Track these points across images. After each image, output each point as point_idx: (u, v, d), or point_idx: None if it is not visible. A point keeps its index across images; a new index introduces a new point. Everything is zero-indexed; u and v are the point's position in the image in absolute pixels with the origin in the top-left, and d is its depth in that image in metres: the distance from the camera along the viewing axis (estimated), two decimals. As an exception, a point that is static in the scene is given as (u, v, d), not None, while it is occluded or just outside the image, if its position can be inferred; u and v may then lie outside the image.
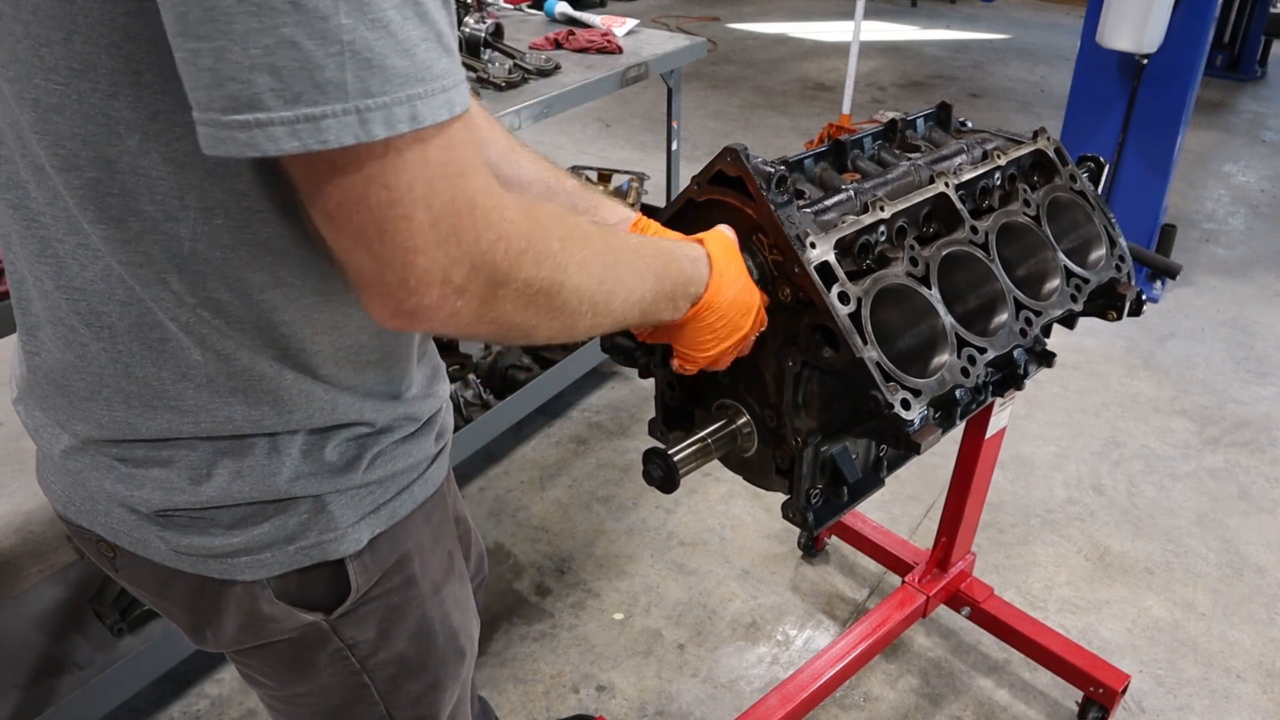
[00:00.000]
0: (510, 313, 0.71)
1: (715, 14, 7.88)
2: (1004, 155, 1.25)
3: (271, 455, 0.82)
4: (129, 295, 0.74)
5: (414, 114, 0.61)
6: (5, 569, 2.33)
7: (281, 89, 0.57)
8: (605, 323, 0.82)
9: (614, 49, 2.66)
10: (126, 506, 0.84)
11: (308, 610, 0.89)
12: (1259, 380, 3.17)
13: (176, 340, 0.76)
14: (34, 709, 1.74)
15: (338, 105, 0.58)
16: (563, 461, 2.77)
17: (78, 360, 0.78)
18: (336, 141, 0.59)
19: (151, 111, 0.66)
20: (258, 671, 0.97)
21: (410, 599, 0.95)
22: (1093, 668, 1.92)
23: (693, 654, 2.16)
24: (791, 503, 1.08)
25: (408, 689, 1.00)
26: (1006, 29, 7.60)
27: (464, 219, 0.65)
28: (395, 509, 0.91)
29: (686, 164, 4.02)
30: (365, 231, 0.63)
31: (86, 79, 0.65)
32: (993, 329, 1.12)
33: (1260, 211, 4.42)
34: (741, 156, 0.98)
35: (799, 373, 1.01)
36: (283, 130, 0.58)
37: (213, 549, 0.83)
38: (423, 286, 0.65)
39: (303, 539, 0.85)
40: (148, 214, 0.70)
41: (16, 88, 0.67)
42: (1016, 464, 2.76)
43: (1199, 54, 3.19)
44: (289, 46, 0.56)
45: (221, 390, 0.78)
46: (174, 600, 0.90)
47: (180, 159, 0.68)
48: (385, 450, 0.88)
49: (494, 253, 0.67)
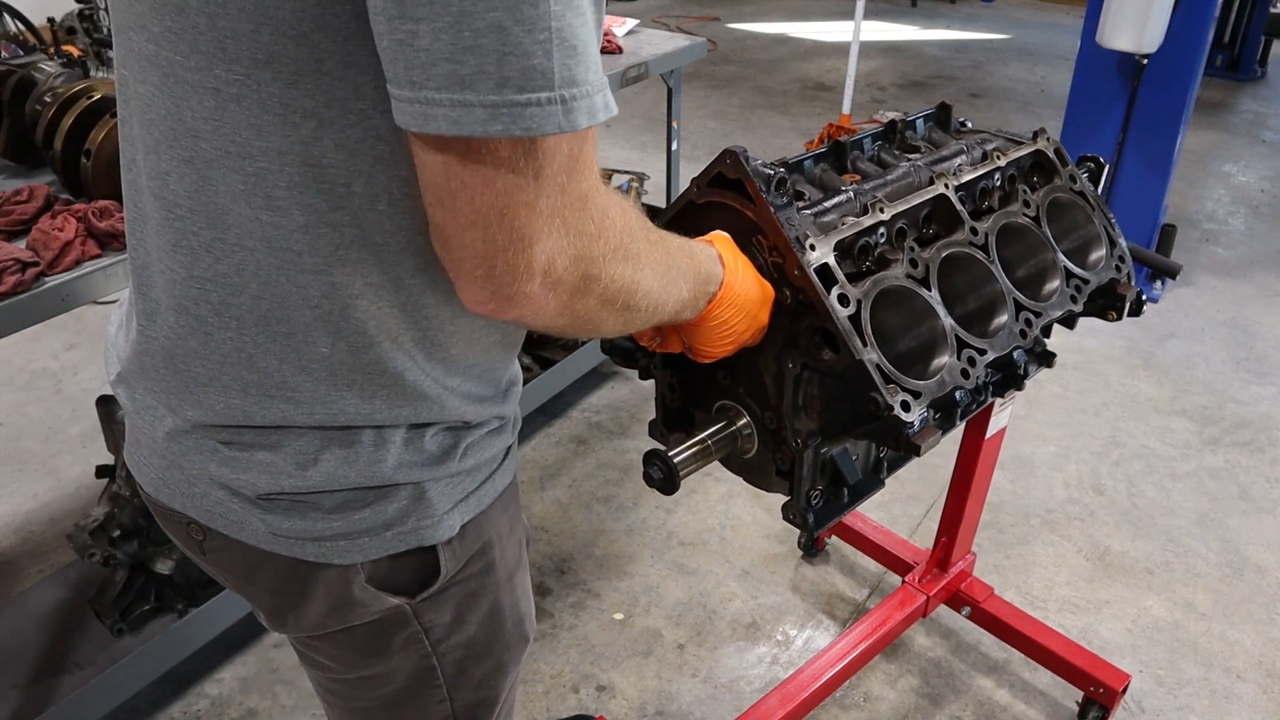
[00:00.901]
0: (592, 307, 0.73)
1: (715, 14, 7.88)
2: (1004, 156, 1.25)
3: (377, 444, 0.83)
4: (262, 290, 0.75)
5: (607, 103, 0.62)
6: (5, 569, 2.33)
7: (489, 73, 0.58)
8: (654, 320, 0.84)
9: (614, 49, 2.66)
10: (229, 489, 0.85)
11: (394, 594, 0.90)
12: (1259, 380, 3.17)
13: (304, 333, 0.77)
14: (34, 709, 1.74)
15: (543, 94, 0.59)
16: (563, 461, 2.77)
17: (200, 347, 0.79)
18: (539, 130, 0.60)
19: (328, 99, 0.67)
20: (326, 655, 0.98)
21: (487, 585, 0.97)
22: (1093, 667, 1.92)
23: (693, 654, 2.16)
24: (792, 504, 1.08)
25: (472, 672, 1.01)
26: (1006, 29, 7.60)
27: (578, 212, 0.66)
28: (481, 497, 0.93)
29: (686, 164, 4.02)
30: (486, 213, 0.64)
31: (269, 69, 0.66)
32: (993, 330, 1.12)
33: (1260, 211, 4.42)
34: (741, 159, 0.98)
35: (799, 375, 1.01)
36: (485, 113, 0.59)
37: (313, 532, 0.84)
38: (529, 274, 0.66)
39: (401, 525, 0.86)
40: (313, 205, 0.71)
41: (196, 77, 0.68)
42: (1016, 464, 2.76)
43: (1199, 54, 3.19)
44: (499, 31, 0.57)
45: (339, 383, 0.79)
46: (261, 584, 0.91)
47: (351, 145, 0.69)
48: (476, 441, 0.90)
49: (594, 248, 0.69)
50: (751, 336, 0.99)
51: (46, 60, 1.94)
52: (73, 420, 2.91)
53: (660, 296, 0.81)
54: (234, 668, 2.10)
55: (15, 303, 1.49)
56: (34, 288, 1.52)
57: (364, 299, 0.76)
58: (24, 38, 3.19)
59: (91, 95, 1.73)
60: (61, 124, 1.71)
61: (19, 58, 2.00)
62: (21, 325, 1.51)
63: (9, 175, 1.88)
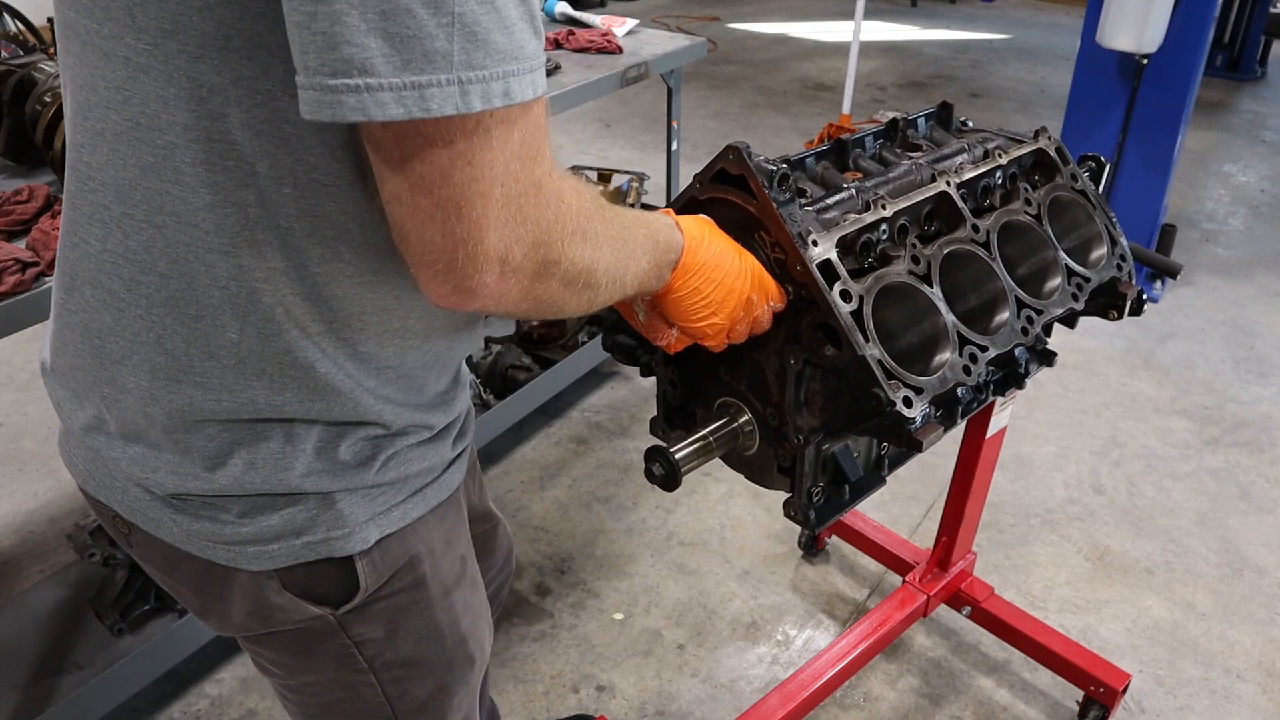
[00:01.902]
0: (554, 290, 0.74)
1: (715, 14, 7.88)
2: (1005, 154, 1.25)
3: (286, 446, 0.82)
4: (170, 268, 0.75)
5: (507, 90, 0.62)
6: (5, 569, 2.33)
7: (392, 55, 0.58)
8: (615, 295, 0.84)
9: (614, 49, 2.66)
10: (142, 487, 0.85)
11: (315, 603, 0.89)
12: (1259, 380, 3.17)
13: (213, 316, 0.76)
14: (34, 709, 1.74)
15: (443, 75, 0.60)
16: (563, 461, 2.77)
17: (114, 323, 0.79)
18: (439, 111, 0.60)
19: (235, 76, 0.67)
20: (267, 660, 0.98)
21: (419, 601, 0.95)
22: (1093, 667, 1.92)
23: (693, 654, 2.16)
24: (793, 501, 1.08)
25: (414, 692, 0.99)
26: (1006, 29, 7.61)
27: (531, 199, 0.67)
28: (407, 510, 0.91)
29: (686, 164, 4.02)
30: (444, 207, 0.64)
31: (175, 40, 0.66)
32: (994, 327, 1.12)
33: (1260, 211, 4.42)
34: (744, 154, 0.98)
35: (801, 371, 1.01)
36: (390, 96, 0.59)
37: (222, 536, 0.84)
38: (487, 264, 0.67)
39: (310, 534, 0.85)
40: (220, 182, 0.71)
41: (109, 45, 0.69)
42: (1016, 464, 2.76)
43: (1199, 54, 3.19)
44: (405, 14, 0.58)
45: (248, 372, 0.79)
46: (183, 581, 0.91)
47: (257, 125, 0.69)
48: (400, 452, 0.89)
49: (551, 234, 0.70)
50: (740, 310, 0.96)
51: (46, 60, 1.94)
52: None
53: (619, 271, 0.81)
54: (234, 668, 2.10)
55: (15, 303, 1.49)
56: (34, 288, 1.52)
57: (270, 283, 0.75)
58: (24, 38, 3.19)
59: (92, 94, 1.72)
60: (61, 124, 1.71)
61: (19, 58, 2.00)
62: (21, 325, 1.51)
63: (9, 175, 1.88)
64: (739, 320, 0.97)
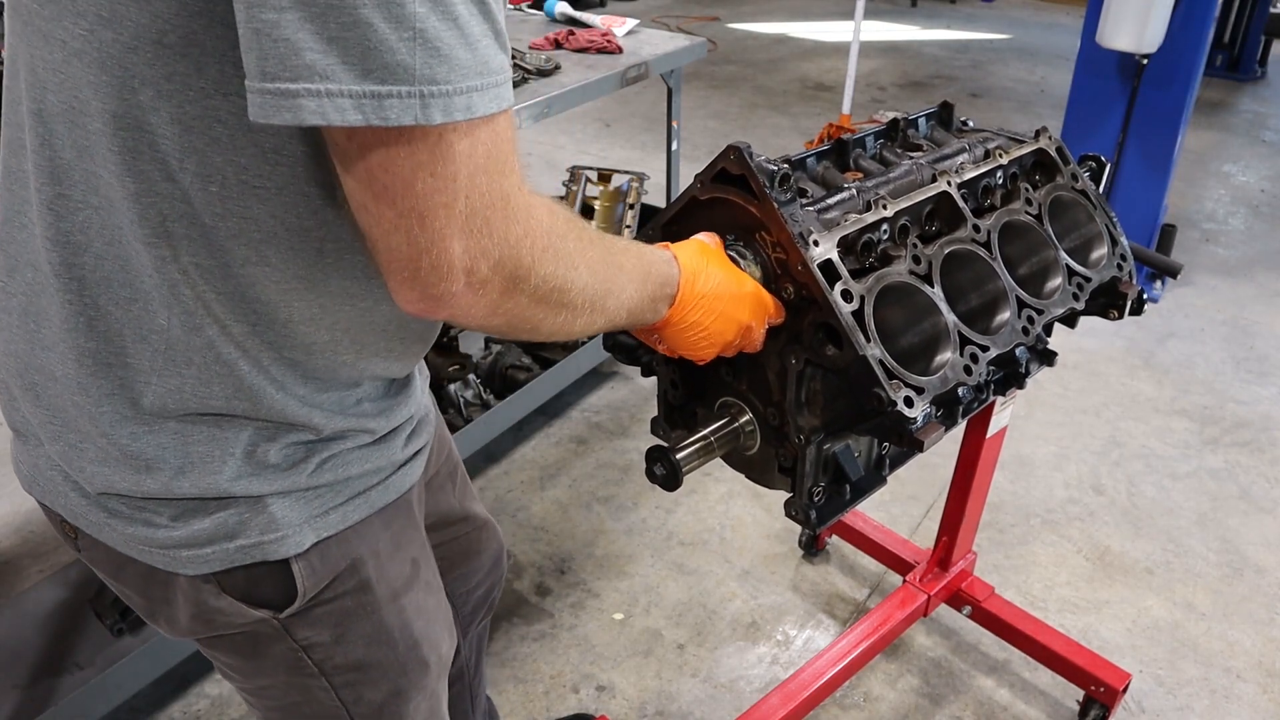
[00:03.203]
0: (524, 306, 0.74)
1: (715, 14, 7.88)
2: (1006, 154, 1.25)
3: (214, 449, 0.82)
4: (105, 249, 0.75)
5: (469, 105, 0.63)
6: (5, 569, 2.33)
7: (354, 64, 0.59)
8: (599, 321, 0.83)
9: (614, 49, 2.66)
10: (75, 487, 0.85)
11: (255, 607, 0.89)
12: (1259, 380, 3.17)
13: (144, 301, 0.76)
14: (34, 709, 1.74)
15: (403, 87, 0.61)
16: (563, 461, 2.77)
17: (48, 306, 0.79)
18: (396, 120, 0.61)
19: (168, 72, 0.68)
20: (222, 663, 0.98)
21: (365, 604, 0.95)
22: (1094, 666, 1.92)
23: (693, 654, 2.16)
24: (794, 500, 1.08)
25: (369, 697, 0.99)
26: (1006, 29, 7.61)
27: (497, 212, 0.67)
28: (346, 513, 0.91)
29: (686, 164, 4.01)
30: (408, 215, 0.65)
31: (111, 28, 0.67)
32: (995, 327, 1.12)
33: (1260, 211, 4.42)
34: (745, 155, 0.98)
35: (802, 371, 1.01)
36: (349, 103, 0.60)
37: (156, 540, 0.84)
38: (452, 274, 0.68)
39: (243, 537, 0.85)
40: (146, 172, 0.71)
41: (48, 26, 0.69)
42: (1016, 464, 2.76)
43: (1199, 54, 3.19)
44: (365, 26, 0.59)
45: (177, 359, 0.78)
46: (128, 584, 0.92)
47: (187, 122, 0.69)
48: (336, 455, 0.88)
49: (519, 248, 0.70)
50: (737, 337, 0.97)
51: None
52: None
53: (598, 294, 0.81)
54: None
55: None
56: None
57: (188, 280, 0.76)
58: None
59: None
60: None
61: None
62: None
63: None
64: (732, 345, 0.99)
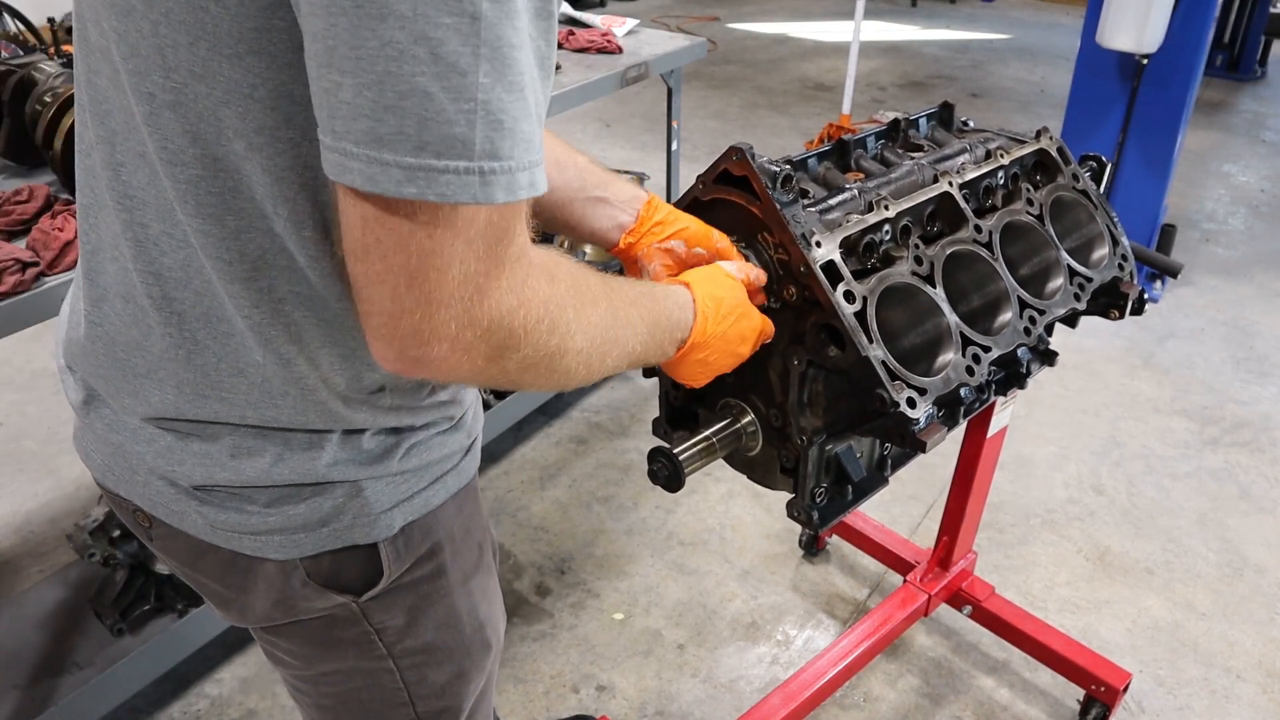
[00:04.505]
0: (511, 372, 0.71)
1: (715, 14, 7.88)
2: (1007, 154, 1.25)
3: (311, 444, 0.83)
4: (205, 286, 0.76)
5: (532, 182, 0.61)
6: (5, 569, 2.33)
7: (408, 135, 0.57)
8: (595, 377, 0.82)
9: (614, 49, 2.66)
10: (166, 479, 0.85)
11: (338, 592, 0.90)
12: (1259, 380, 3.17)
13: (241, 337, 0.77)
14: (34, 709, 1.74)
15: (461, 162, 0.58)
16: (563, 461, 2.77)
17: (141, 339, 0.80)
18: (453, 197, 0.59)
19: (258, 125, 0.67)
20: (284, 650, 0.98)
21: (439, 588, 0.96)
22: (1094, 666, 1.92)
23: (693, 654, 2.16)
24: (796, 501, 1.08)
25: (433, 678, 1.00)
26: (1006, 29, 7.61)
27: (492, 281, 0.64)
28: (429, 498, 0.92)
29: (686, 164, 4.02)
30: (396, 273, 0.62)
31: (204, 83, 0.66)
32: (997, 328, 1.12)
33: (1260, 211, 4.42)
34: (747, 155, 0.98)
35: (804, 372, 1.01)
36: (401, 174, 0.58)
37: (248, 526, 0.85)
38: (434, 339, 0.65)
39: (337, 522, 0.86)
40: (245, 213, 0.71)
41: (135, 80, 0.69)
42: (1016, 464, 2.76)
43: (1199, 54, 3.19)
44: (422, 95, 0.57)
45: (273, 391, 0.79)
46: (206, 573, 0.91)
47: (278, 172, 0.69)
48: (421, 441, 0.90)
49: (511, 320, 0.67)
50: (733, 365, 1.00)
51: (46, 60, 1.93)
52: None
53: (598, 356, 0.79)
54: (234, 668, 2.10)
55: (15, 303, 1.49)
56: (34, 288, 1.52)
57: (284, 317, 0.76)
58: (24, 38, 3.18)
59: (92, 94, 1.72)
60: (61, 124, 1.71)
61: (19, 58, 2.00)
62: (21, 325, 1.51)
63: (9, 175, 1.87)
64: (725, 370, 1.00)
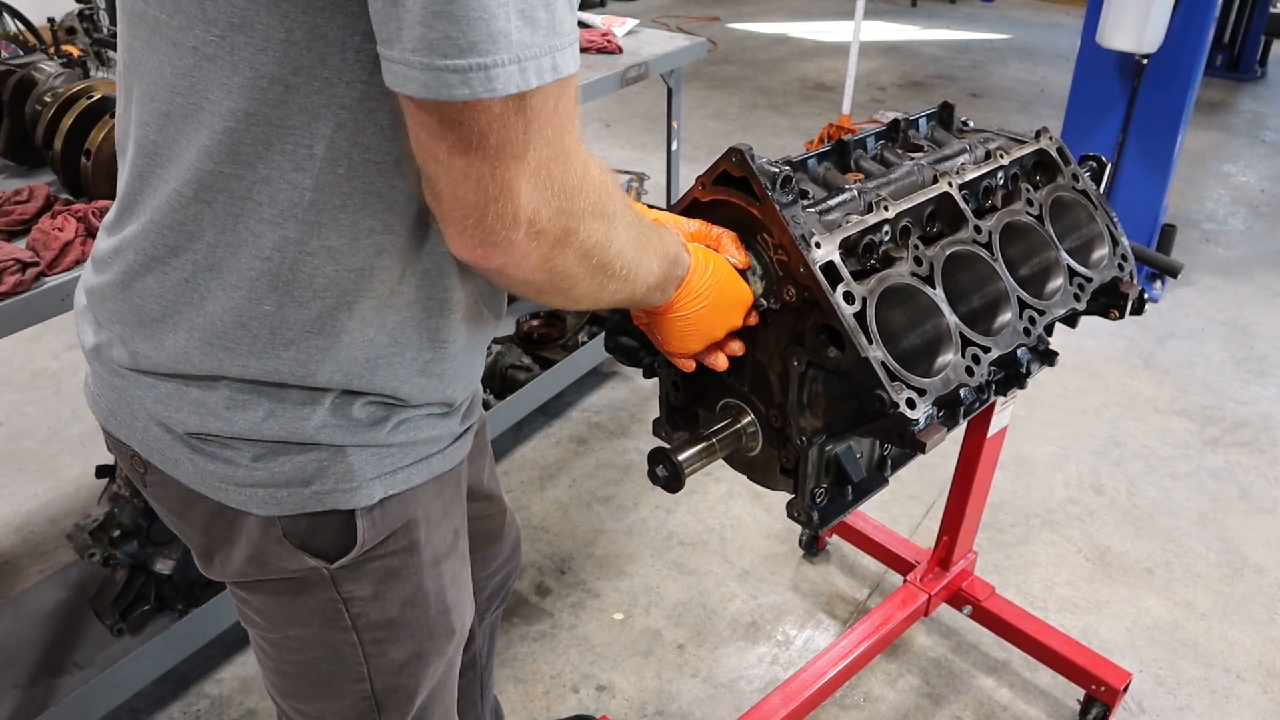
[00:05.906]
0: (569, 262, 0.77)
1: (715, 14, 7.88)
2: (1007, 155, 1.25)
3: (304, 402, 0.86)
4: (217, 238, 0.79)
5: (555, 65, 0.67)
6: (5, 569, 2.33)
7: (459, 37, 0.63)
8: (625, 291, 0.87)
9: (614, 49, 2.66)
10: (163, 425, 0.88)
11: (312, 555, 0.92)
12: (1259, 380, 3.17)
13: (250, 287, 0.80)
14: (34, 709, 1.74)
15: (504, 55, 0.64)
16: (563, 461, 2.77)
17: (156, 286, 0.83)
18: (503, 90, 0.65)
19: (295, 67, 0.72)
20: (253, 609, 1.00)
21: (409, 565, 0.98)
22: (1094, 666, 1.92)
23: (693, 654, 2.16)
24: (796, 502, 1.08)
25: (392, 655, 1.02)
26: (1006, 29, 7.60)
27: (561, 165, 0.71)
28: (411, 475, 0.94)
29: (686, 164, 4.02)
30: (479, 167, 0.68)
31: (243, 33, 0.71)
32: (997, 328, 1.12)
33: (1260, 211, 4.42)
34: (747, 157, 0.98)
35: (804, 372, 1.01)
36: (456, 78, 0.64)
37: (235, 478, 0.88)
38: (515, 223, 0.71)
39: (319, 483, 0.88)
40: (276, 162, 0.75)
41: (177, 35, 0.73)
42: (1016, 464, 2.76)
43: (1199, 54, 3.19)
44: None
45: (278, 342, 0.82)
46: (192, 523, 0.95)
47: (315, 111, 0.73)
48: (410, 419, 0.92)
49: (575, 201, 0.74)
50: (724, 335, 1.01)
51: (46, 60, 1.93)
52: (73, 420, 2.90)
53: (634, 261, 0.85)
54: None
55: (15, 303, 1.49)
56: (34, 288, 1.52)
57: (316, 258, 0.79)
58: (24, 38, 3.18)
59: (91, 95, 1.72)
60: (61, 124, 1.71)
61: (19, 58, 2.00)
62: (21, 325, 1.51)
63: (9, 175, 1.87)
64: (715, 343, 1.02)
